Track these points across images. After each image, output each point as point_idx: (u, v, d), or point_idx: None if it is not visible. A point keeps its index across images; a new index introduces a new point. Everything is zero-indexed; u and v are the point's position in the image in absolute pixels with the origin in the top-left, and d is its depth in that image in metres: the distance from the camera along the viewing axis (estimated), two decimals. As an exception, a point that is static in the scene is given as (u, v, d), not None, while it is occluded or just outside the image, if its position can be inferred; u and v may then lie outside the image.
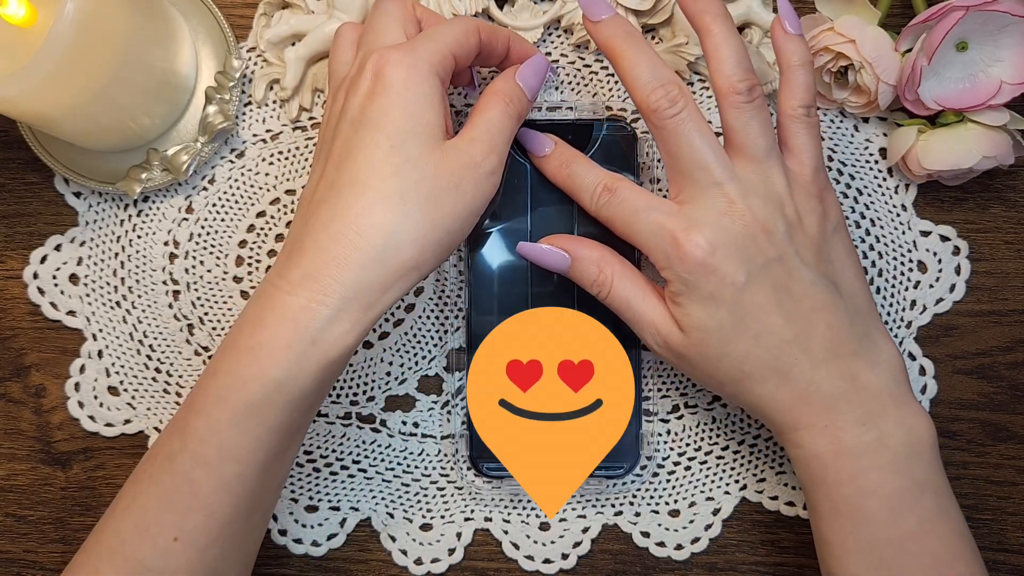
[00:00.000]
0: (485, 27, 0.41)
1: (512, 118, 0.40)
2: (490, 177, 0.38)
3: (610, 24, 0.39)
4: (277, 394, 0.36)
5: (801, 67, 0.39)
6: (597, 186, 0.41)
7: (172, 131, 0.47)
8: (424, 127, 0.37)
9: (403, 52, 0.37)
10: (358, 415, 0.48)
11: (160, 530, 0.36)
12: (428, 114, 0.37)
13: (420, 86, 0.37)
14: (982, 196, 0.48)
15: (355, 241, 0.36)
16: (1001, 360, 0.47)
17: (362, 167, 0.37)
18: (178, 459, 0.36)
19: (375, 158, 0.37)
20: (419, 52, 0.38)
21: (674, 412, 0.48)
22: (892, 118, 0.47)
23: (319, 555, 0.48)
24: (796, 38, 0.40)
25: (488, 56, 0.42)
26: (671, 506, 0.47)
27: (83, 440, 0.48)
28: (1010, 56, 0.43)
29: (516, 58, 0.43)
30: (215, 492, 0.36)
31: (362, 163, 0.37)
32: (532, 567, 0.47)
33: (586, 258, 0.41)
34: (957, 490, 0.47)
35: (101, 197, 0.48)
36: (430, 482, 0.48)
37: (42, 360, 0.49)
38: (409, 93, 0.37)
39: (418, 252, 0.37)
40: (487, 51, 0.41)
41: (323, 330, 0.36)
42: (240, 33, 0.48)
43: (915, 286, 0.47)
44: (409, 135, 0.37)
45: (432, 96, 0.37)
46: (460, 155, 0.38)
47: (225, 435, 0.36)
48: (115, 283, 0.48)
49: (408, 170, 0.37)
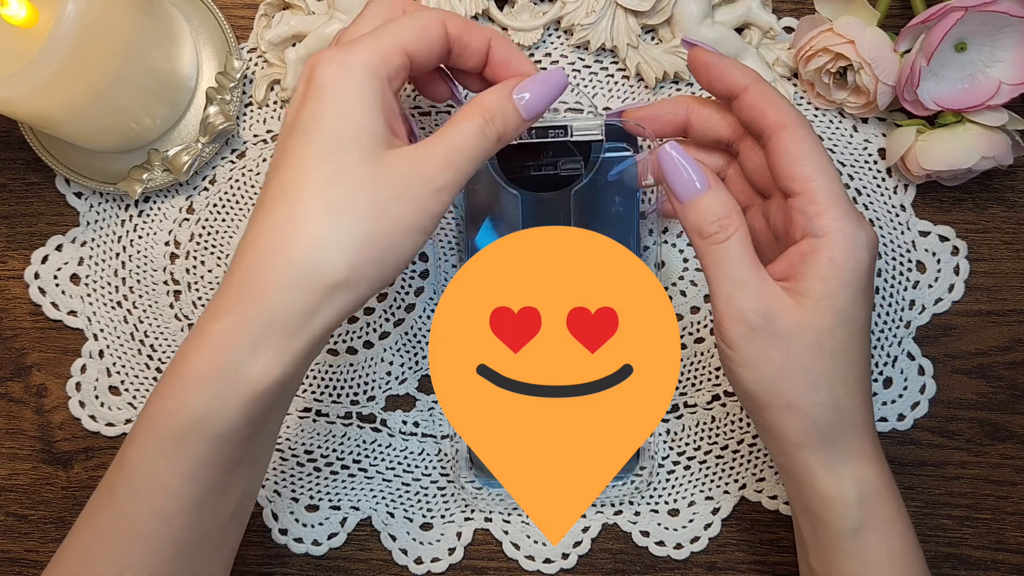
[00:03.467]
0: (455, 21, 0.36)
1: (488, 139, 0.35)
2: (438, 194, 0.34)
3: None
4: (203, 427, 0.33)
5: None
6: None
7: (173, 131, 0.47)
8: (361, 133, 0.33)
9: (338, 51, 0.34)
10: (358, 415, 0.48)
11: (105, 565, 0.34)
12: (365, 119, 0.33)
13: (356, 88, 0.33)
14: (981, 196, 0.48)
15: (278, 259, 0.33)
16: (1000, 360, 0.47)
17: (291, 177, 0.33)
18: (117, 491, 0.34)
19: (305, 167, 0.33)
20: (356, 51, 0.34)
21: (674, 412, 0.48)
22: (891, 118, 0.47)
23: (319, 554, 0.48)
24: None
25: (461, 55, 0.37)
26: (671, 505, 0.47)
27: (84, 440, 0.49)
28: (1009, 57, 0.43)
29: (499, 63, 0.38)
30: (154, 525, 0.34)
31: (291, 173, 0.33)
32: (532, 567, 0.47)
33: (723, 191, 0.36)
34: (956, 490, 0.47)
35: (102, 197, 0.48)
36: (430, 482, 0.48)
37: (43, 360, 0.49)
38: (342, 96, 0.33)
39: (349, 270, 0.33)
40: (459, 49, 0.37)
41: (245, 360, 0.32)
42: (241, 34, 0.48)
43: (914, 286, 0.47)
44: (343, 142, 0.33)
45: (370, 99, 0.33)
46: (407, 165, 0.34)
47: (156, 467, 0.33)
48: (116, 283, 0.48)
49: (341, 180, 0.33)
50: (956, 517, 0.47)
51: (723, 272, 0.35)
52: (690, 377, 0.47)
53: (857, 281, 0.35)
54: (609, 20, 0.46)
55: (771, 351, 0.35)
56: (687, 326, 0.47)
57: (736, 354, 0.35)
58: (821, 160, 0.36)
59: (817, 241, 0.35)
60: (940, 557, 0.47)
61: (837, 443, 0.36)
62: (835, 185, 0.36)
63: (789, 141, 0.36)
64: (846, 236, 0.35)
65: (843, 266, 0.35)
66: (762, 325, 0.35)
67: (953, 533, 0.47)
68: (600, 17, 0.46)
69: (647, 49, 0.47)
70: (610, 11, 0.46)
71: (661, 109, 0.41)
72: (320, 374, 0.48)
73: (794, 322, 0.35)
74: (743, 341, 0.35)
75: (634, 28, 0.46)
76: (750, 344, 0.35)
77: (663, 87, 0.47)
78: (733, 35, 0.46)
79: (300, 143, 0.34)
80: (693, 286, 0.47)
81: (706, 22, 0.46)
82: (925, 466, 0.47)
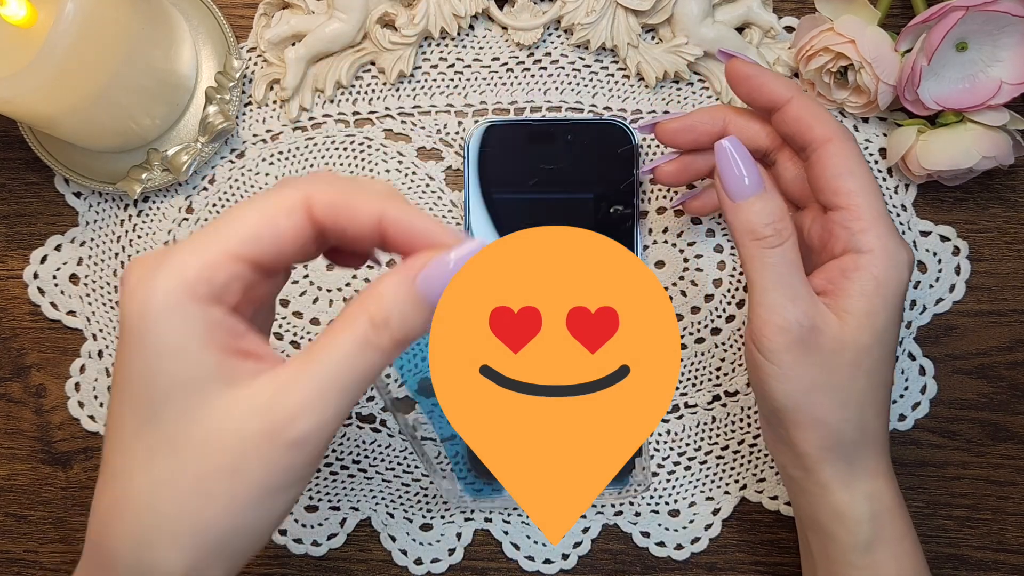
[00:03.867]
0: (326, 198, 0.28)
1: (380, 349, 0.27)
2: (297, 448, 0.26)
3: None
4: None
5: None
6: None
7: (172, 131, 0.47)
8: (177, 385, 0.26)
9: (146, 270, 0.26)
10: (358, 415, 0.48)
11: None
12: (183, 364, 0.26)
13: (166, 323, 0.26)
14: (982, 196, 0.48)
15: (108, 552, 0.27)
16: (1001, 360, 0.47)
17: (113, 447, 0.27)
18: None
19: (124, 437, 0.27)
20: (166, 270, 0.26)
21: (674, 412, 0.48)
22: (892, 118, 0.47)
23: (319, 555, 0.48)
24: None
25: (341, 239, 0.29)
26: (671, 506, 0.47)
27: (83, 440, 0.48)
28: (1010, 56, 0.43)
29: (398, 239, 0.28)
30: None
31: (113, 442, 0.27)
32: (532, 567, 0.47)
33: (778, 195, 0.36)
34: (957, 490, 0.47)
35: (101, 197, 0.48)
36: (430, 482, 0.48)
37: (42, 360, 0.49)
38: (152, 336, 0.26)
39: (186, 569, 0.26)
40: (335, 233, 0.28)
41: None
42: (240, 33, 0.48)
43: (915, 286, 0.47)
44: (158, 400, 0.26)
45: (186, 334, 0.26)
46: (248, 414, 0.26)
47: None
48: (115, 283, 0.48)
49: (160, 453, 0.26)
50: (957, 517, 0.47)
51: (773, 279, 0.34)
52: (690, 377, 0.47)
53: (896, 300, 0.35)
54: (609, 19, 0.46)
55: (809, 365, 0.34)
56: (687, 326, 0.47)
57: (773, 365, 0.35)
58: (866, 176, 0.36)
59: (860, 257, 0.35)
60: (941, 557, 0.47)
61: (856, 460, 0.36)
62: (879, 202, 0.36)
63: (835, 155, 0.36)
64: (889, 254, 0.35)
65: (886, 284, 0.35)
66: (806, 338, 0.34)
67: (954, 533, 0.47)
68: (600, 16, 0.46)
69: (647, 48, 0.46)
70: (610, 10, 0.46)
71: (697, 119, 0.40)
72: (320, 374, 0.48)
73: (836, 338, 0.34)
74: (783, 352, 0.34)
75: (634, 27, 0.46)
76: (789, 356, 0.34)
77: (663, 86, 0.47)
78: (734, 34, 0.46)
79: (116, 403, 0.27)
80: (693, 286, 0.47)
81: (706, 21, 0.46)
82: (926, 466, 0.47)
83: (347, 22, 0.46)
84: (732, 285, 0.47)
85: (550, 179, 0.46)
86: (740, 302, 0.47)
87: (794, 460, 0.37)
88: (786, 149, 0.40)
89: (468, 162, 0.46)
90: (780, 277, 0.34)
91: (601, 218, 0.46)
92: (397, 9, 0.46)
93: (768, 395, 0.35)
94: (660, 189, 0.47)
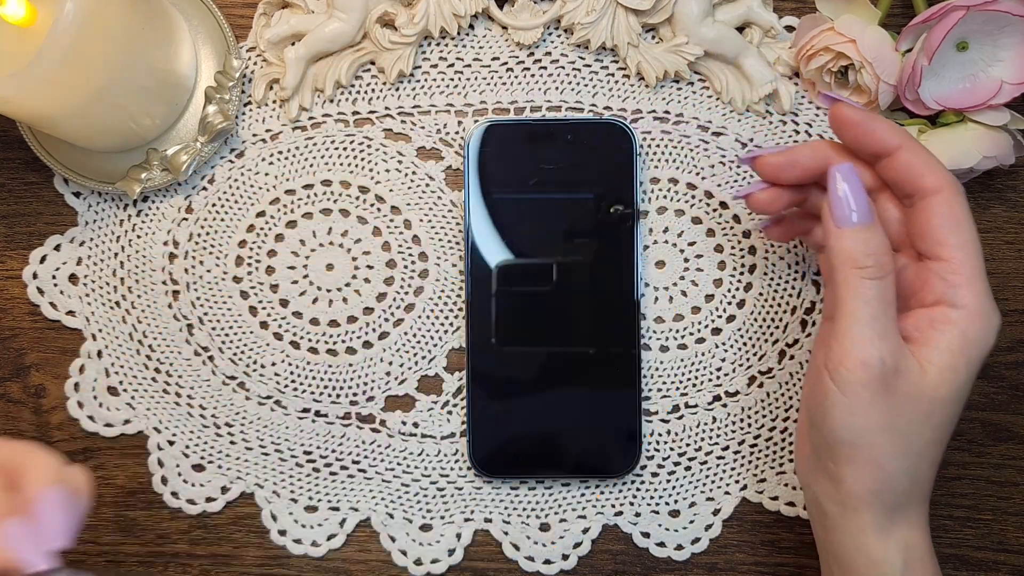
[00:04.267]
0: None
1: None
2: None
3: None
4: None
5: None
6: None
7: (172, 131, 0.47)
8: None
9: None
10: (358, 415, 0.48)
11: None
12: None
13: None
14: (982, 196, 0.48)
15: None
16: (1001, 360, 0.47)
17: None
18: None
19: None
20: None
21: (674, 412, 0.48)
22: (892, 118, 0.47)
23: (319, 555, 0.48)
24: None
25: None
26: (671, 506, 0.47)
27: (83, 440, 0.48)
28: (1010, 56, 0.43)
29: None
30: None
31: None
32: (532, 568, 0.47)
33: (883, 232, 0.36)
34: (957, 490, 0.47)
35: (101, 197, 0.48)
36: (430, 482, 0.48)
37: (42, 360, 0.49)
38: None
39: None
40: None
41: None
42: (240, 33, 0.48)
43: (915, 286, 0.47)
44: None
45: None
46: None
47: None
48: (115, 283, 0.48)
49: None
50: (957, 518, 0.47)
51: (866, 312, 0.34)
52: (690, 377, 0.47)
53: (979, 362, 0.35)
54: (609, 19, 0.46)
55: (882, 406, 0.34)
56: (687, 326, 0.47)
57: (845, 398, 0.34)
58: (971, 232, 0.36)
59: (953, 311, 0.35)
60: (941, 558, 0.47)
61: (899, 509, 0.36)
62: (980, 260, 0.36)
63: (944, 206, 0.36)
64: (983, 315, 0.35)
65: (974, 343, 0.35)
66: (887, 378, 0.34)
67: (955, 534, 0.47)
68: (600, 16, 0.46)
69: (647, 48, 0.46)
70: (610, 10, 0.46)
71: (800, 155, 0.39)
72: (319, 375, 0.48)
73: (916, 385, 0.34)
74: (860, 388, 0.34)
75: (634, 27, 0.46)
76: (866, 393, 0.34)
77: (663, 86, 0.47)
78: (734, 34, 0.46)
79: None
80: (694, 286, 0.47)
81: (707, 21, 0.46)
82: (926, 467, 0.47)
83: (347, 22, 0.46)
84: (732, 285, 0.47)
85: (550, 179, 0.46)
86: (741, 302, 0.47)
87: (834, 495, 0.36)
88: (887, 191, 0.39)
89: (468, 162, 0.46)
90: (873, 311, 0.34)
91: (601, 218, 0.45)
92: (397, 9, 0.46)
93: (829, 426, 0.35)
94: (660, 189, 0.47)
